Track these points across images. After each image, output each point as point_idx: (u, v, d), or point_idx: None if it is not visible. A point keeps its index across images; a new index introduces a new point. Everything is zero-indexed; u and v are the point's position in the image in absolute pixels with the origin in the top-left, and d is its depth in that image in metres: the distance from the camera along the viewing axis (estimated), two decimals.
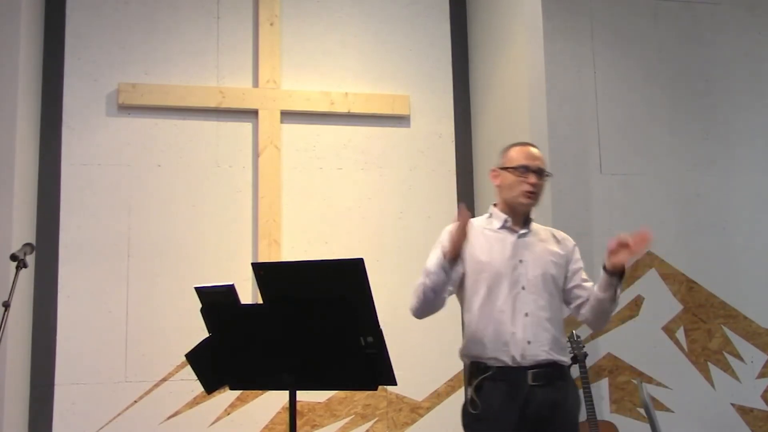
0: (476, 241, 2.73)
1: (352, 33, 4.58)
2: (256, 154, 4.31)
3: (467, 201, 4.57)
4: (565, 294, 2.82)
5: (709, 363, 4.73)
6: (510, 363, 2.63)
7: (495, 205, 2.86)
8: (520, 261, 2.73)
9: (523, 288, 2.70)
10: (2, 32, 3.71)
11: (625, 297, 4.66)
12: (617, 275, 2.61)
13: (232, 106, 4.30)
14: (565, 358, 2.75)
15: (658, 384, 4.62)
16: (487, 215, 2.86)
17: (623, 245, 2.56)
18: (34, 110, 4.05)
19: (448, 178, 4.57)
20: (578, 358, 4.15)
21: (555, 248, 2.81)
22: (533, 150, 2.81)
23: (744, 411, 4.73)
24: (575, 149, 4.73)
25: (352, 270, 2.31)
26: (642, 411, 4.42)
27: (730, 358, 4.77)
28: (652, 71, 4.94)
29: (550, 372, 2.65)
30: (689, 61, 5.00)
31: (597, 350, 4.57)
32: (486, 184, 4.42)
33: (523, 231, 2.78)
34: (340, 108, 4.43)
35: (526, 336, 2.64)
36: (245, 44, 4.42)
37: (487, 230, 2.79)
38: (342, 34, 4.56)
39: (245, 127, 4.35)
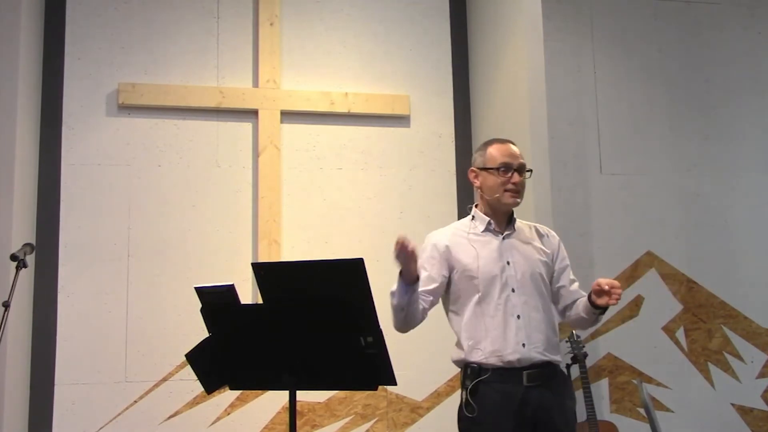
0: (462, 247, 2.72)
1: (353, 33, 4.58)
2: (256, 154, 4.31)
3: (467, 201, 4.56)
4: (551, 293, 2.80)
5: (709, 363, 4.73)
6: (504, 365, 2.61)
7: (476, 206, 2.83)
8: (508, 263, 2.69)
9: (513, 290, 2.67)
10: (2, 32, 3.71)
11: (625, 297, 4.65)
12: (600, 309, 2.63)
13: (232, 106, 4.30)
14: (559, 358, 2.72)
15: (658, 384, 4.62)
16: (469, 217, 2.82)
17: (603, 291, 2.56)
18: (34, 110, 4.05)
19: (448, 178, 4.57)
20: (578, 358, 4.15)
21: (540, 246, 2.78)
22: (513, 147, 2.76)
23: (744, 411, 4.73)
24: (575, 149, 4.73)
25: (352, 270, 2.31)
26: (642, 411, 4.42)
27: (730, 358, 4.77)
28: (652, 71, 4.94)
29: (545, 372, 2.64)
30: (689, 60, 5.00)
31: (597, 350, 4.57)
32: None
33: (507, 232, 2.75)
34: (340, 108, 4.43)
35: (519, 339, 2.62)
36: (245, 44, 4.42)
37: (471, 234, 2.75)
38: (342, 35, 4.56)
39: (245, 127, 4.35)
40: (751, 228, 4.91)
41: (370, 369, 2.43)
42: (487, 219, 2.75)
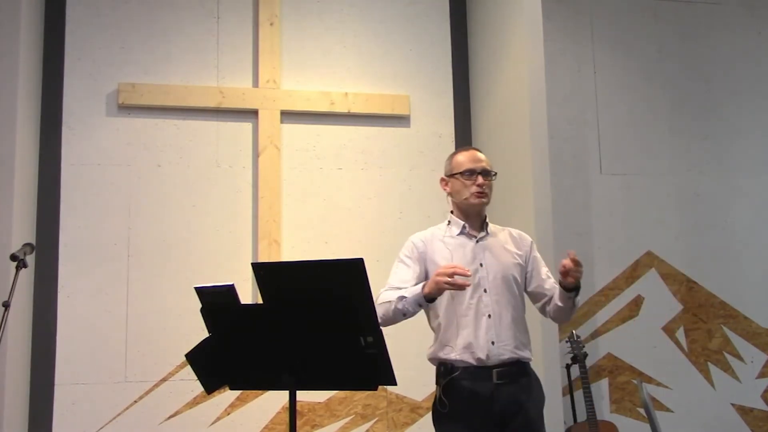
0: (437, 249, 2.84)
1: (352, 33, 4.58)
2: (256, 154, 4.31)
3: None
4: (528, 294, 2.92)
5: (709, 363, 4.73)
6: (475, 363, 2.72)
7: (452, 212, 2.95)
8: (481, 264, 2.81)
9: (485, 291, 2.78)
10: (2, 32, 3.71)
11: (625, 297, 4.67)
12: (573, 290, 2.72)
13: (232, 106, 4.30)
14: (528, 355, 2.83)
15: (658, 384, 4.62)
16: (445, 223, 2.94)
17: (566, 271, 2.67)
18: (34, 110, 4.05)
19: None
20: (578, 358, 4.16)
21: (513, 248, 2.90)
22: (477, 153, 2.92)
23: (744, 411, 4.73)
24: (575, 149, 4.73)
25: (352, 270, 2.31)
26: (642, 411, 4.42)
27: (730, 358, 4.77)
28: (652, 71, 4.94)
29: (514, 370, 2.76)
30: (689, 60, 5.00)
31: (597, 350, 4.58)
32: None
33: (481, 235, 2.87)
34: (340, 108, 4.43)
35: (489, 337, 2.74)
36: (245, 44, 4.42)
37: (447, 237, 2.88)
38: (342, 34, 4.56)
39: (245, 127, 4.35)
40: (751, 228, 4.92)
41: (370, 369, 2.42)
42: (462, 223, 2.89)
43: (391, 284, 2.82)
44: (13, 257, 3.05)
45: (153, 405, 4.03)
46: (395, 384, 2.49)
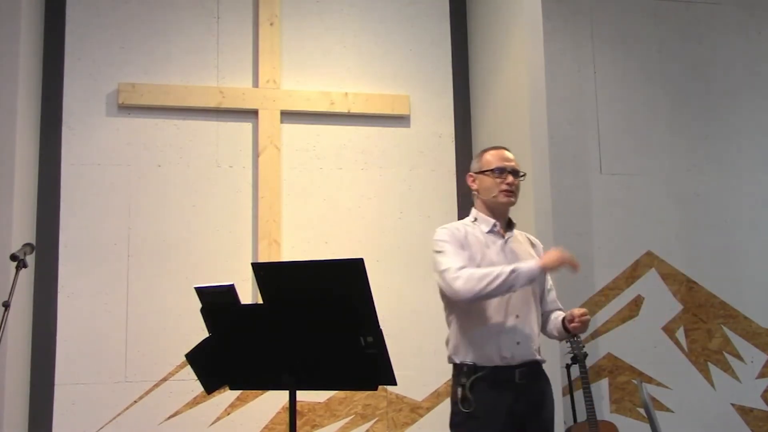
0: (472, 242, 2.80)
1: (352, 33, 4.58)
2: (256, 154, 4.31)
3: (467, 201, 4.55)
4: None
5: (709, 363, 4.73)
6: (500, 363, 2.72)
7: (474, 208, 2.93)
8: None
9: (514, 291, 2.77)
10: (2, 32, 3.71)
11: (625, 297, 4.67)
12: (570, 334, 2.87)
13: (232, 106, 4.30)
14: (543, 358, 2.87)
15: (658, 384, 4.62)
16: (471, 219, 2.90)
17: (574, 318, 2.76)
18: (34, 110, 4.05)
19: (448, 178, 4.57)
20: (578, 358, 4.15)
21: (534, 253, 2.91)
22: (507, 152, 2.91)
23: (744, 411, 4.73)
24: (575, 149, 4.73)
25: (352, 270, 2.31)
26: (642, 411, 4.42)
27: (730, 358, 4.77)
28: (652, 71, 4.94)
29: (534, 370, 2.79)
30: (689, 61, 5.00)
31: (597, 350, 4.58)
32: None
33: (508, 235, 2.87)
34: (340, 108, 4.43)
35: (516, 337, 2.74)
36: (245, 44, 4.42)
37: (477, 233, 2.85)
38: (342, 34, 4.56)
39: (245, 127, 4.35)
40: (751, 228, 4.92)
41: (370, 369, 2.43)
42: (493, 221, 2.85)
43: (463, 264, 2.69)
44: (13, 257, 3.05)
45: (153, 405, 4.03)
46: (395, 384, 2.49)
